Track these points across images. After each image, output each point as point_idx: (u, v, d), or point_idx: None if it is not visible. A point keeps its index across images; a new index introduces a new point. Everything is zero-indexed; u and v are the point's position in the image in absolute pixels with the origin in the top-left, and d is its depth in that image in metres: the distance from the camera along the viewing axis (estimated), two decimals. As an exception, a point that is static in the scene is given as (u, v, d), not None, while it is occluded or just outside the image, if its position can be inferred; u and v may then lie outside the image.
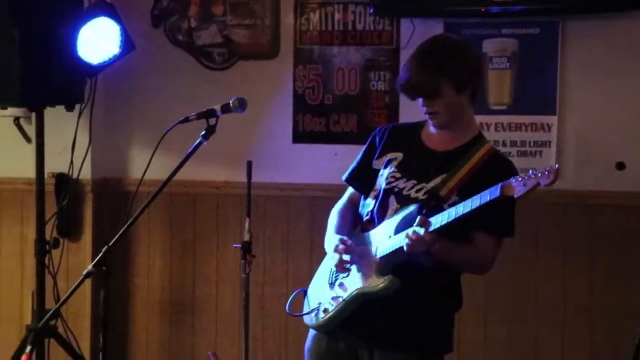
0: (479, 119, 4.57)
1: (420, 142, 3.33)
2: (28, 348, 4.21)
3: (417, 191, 3.23)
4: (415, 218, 3.10)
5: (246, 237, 4.36)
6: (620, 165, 4.56)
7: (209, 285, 5.06)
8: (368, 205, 3.38)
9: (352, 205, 3.50)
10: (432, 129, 3.32)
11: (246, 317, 4.39)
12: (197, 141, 3.26)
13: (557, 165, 2.96)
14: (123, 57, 4.59)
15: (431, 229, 3.05)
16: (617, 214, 4.57)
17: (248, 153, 4.71)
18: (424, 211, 3.13)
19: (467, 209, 3.01)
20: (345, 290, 3.29)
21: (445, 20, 4.67)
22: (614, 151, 4.58)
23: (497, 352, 4.73)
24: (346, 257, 3.25)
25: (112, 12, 4.50)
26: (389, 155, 3.35)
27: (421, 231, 3.05)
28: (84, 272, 3.18)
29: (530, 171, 2.95)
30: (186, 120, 3.31)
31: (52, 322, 4.43)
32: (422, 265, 3.17)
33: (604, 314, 4.60)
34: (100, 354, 3.38)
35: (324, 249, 3.46)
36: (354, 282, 3.27)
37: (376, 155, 3.40)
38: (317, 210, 4.57)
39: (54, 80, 4.36)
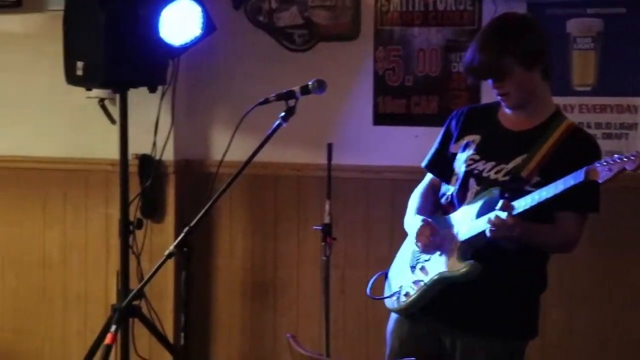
0: (562, 100, 4.56)
1: (498, 122, 3.30)
2: (113, 327, 4.31)
3: (496, 172, 3.19)
4: (498, 201, 3.07)
5: (326, 220, 4.36)
6: None
7: (290, 267, 5.07)
8: (448, 189, 3.35)
9: (433, 189, 3.48)
10: (507, 109, 3.28)
11: (327, 300, 4.39)
12: (277, 123, 3.27)
13: None
14: (204, 39, 4.63)
15: (514, 213, 3.02)
16: None
17: (328, 135, 4.71)
18: (506, 194, 3.10)
19: (551, 194, 2.97)
20: (426, 273, 3.27)
21: (529, 0, 4.60)
22: (703, 133, 4.47)
23: (582, 337, 4.66)
24: (428, 239, 3.24)
25: (193, -6, 4.54)
26: (467, 138, 3.32)
27: (503, 215, 3.02)
28: (166, 253, 3.22)
29: (616, 155, 2.91)
30: (266, 101, 3.33)
31: (137, 302, 4.50)
32: (505, 248, 3.14)
33: None
34: (182, 334, 3.42)
35: (404, 232, 3.45)
36: (435, 265, 3.25)
37: (453, 139, 3.37)
38: (398, 193, 4.53)
39: (137, 62, 4.44)
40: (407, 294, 3.31)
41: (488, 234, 3.06)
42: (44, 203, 5.24)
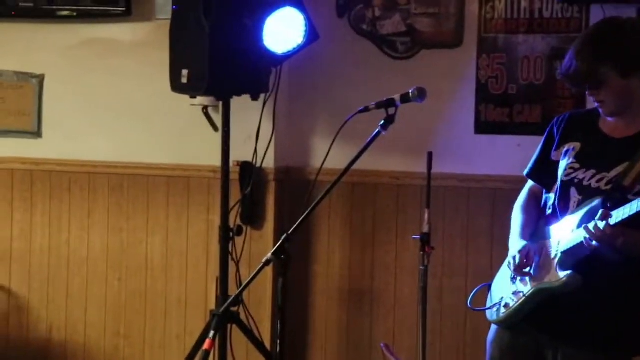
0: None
1: (598, 129, 3.23)
2: (211, 333, 4.34)
3: (597, 181, 3.13)
4: (596, 210, 3.02)
5: (425, 229, 4.33)
6: None
7: (388, 276, 5.05)
8: (550, 198, 3.30)
9: (535, 199, 3.43)
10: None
11: (424, 309, 4.36)
12: (376, 131, 3.26)
13: None
14: (307, 47, 4.66)
15: (613, 222, 2.95)
16: None
17: (429, 143, 4.69)
18: (608, 204, 3.03)
19: None
20: (526, 284, 3.23)
21: (639, 6, 4.49)
22: None
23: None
24: (520, 271, 3.22)
25: (297, 2, 4.58)
26: (567, 146, 3.27)
27: (602, 225, 2.95)
28: (263, 260, 3.23)
29: None
30: (366, 109, 3.32)
31: (235, 309, 4.54)
32: (609, 259, 3.06)
33: None
34: (278, 340, 3.43)
35: (505, 242, 3.42)
36: (534, 276, 3.20)
37: (554, 146, 3.32)
38: (499, 203, 4.49)
39: (240, 70, 4.49)
40: (506, 305, 3.28)
41: (585, 244, 3.01)
42: (147, 209, 5.33)
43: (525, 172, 3.47)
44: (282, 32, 4.54)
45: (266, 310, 5.10)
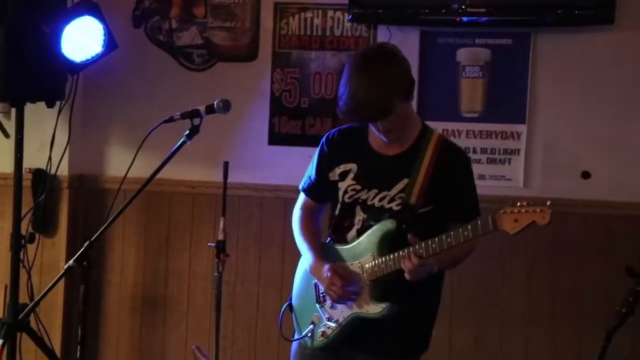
0: (451, 125, 4.78)
1: (369, 147, 3.32)
2: (0, 342, 4.25)
3: (380, 200, 3.26)
4: (395, 234, 3.18)
5: (220, 237, 4.42)
6: (586, 175, 4.69)
7: (182, 283, 5.11)
8: (334, 217, 3.40)
9: (312, 214, 3.53)
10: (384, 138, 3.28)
11: (217, 315, 4.44)
12: (181, 141, 3.30)
13: (548, 202, 2.98)
14: (105, 56, 4.64)
15: (425, 255, 3.10)
16: (582, 222, 4.70)
17: (224, 154, 4.80)
18: (403, 226, 3.18)
19: (459, 241, 3.05)
20: (338, 311, 3.32)
21: (421, 28, 4.77)
22: (579, 159, 4.71)
23: (463, 354, 4.83)
24: (341, 291, 3.25)
25: (96, 12, 4.55)
26: (342, 167, 3.36)
27: (416, 262, 3.09)
28: (65, 267, 3.24)
29: (523, 203, 2.98)
30: (171, 119, 3.34)
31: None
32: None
33: (567, 317, 4.73)
34: (79, 347, 3.42)
35: (296, 250, 3.51)
36: (348, 304, 3.30)
37: (330, 166, 3.39)
38: (291, 212, 4.61)
39: (35, 76, 4.41)
40: (323, 334, 3.35)
41: (407, 277, 3.11)
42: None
43: (301, 187, 3.55)
44: (81, 40, 4.51)
45: (57, 319, 5.04)
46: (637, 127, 4.68)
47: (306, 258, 3.43)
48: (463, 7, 4.54)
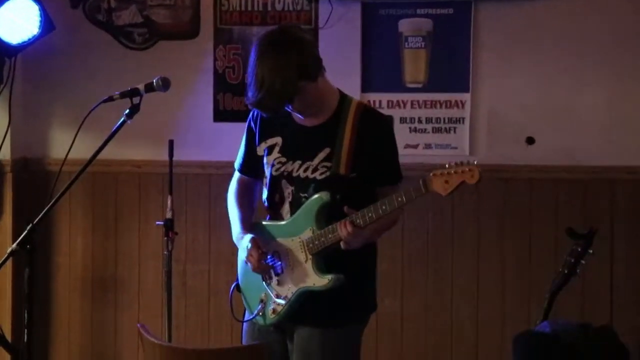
0: (394, 96, 4.80)
1: (293, 121, 3.35)
2: (-53, 331, 4.20)
3: (305, 170, 3.30)
4: (330, 205, 3.20)
5: (168, 215, 4.42)
6: (530, 140, 4.74)
7: (131, 263, 5.10)
8: (264, 192, 3.43)
9: (246, 189, 3.55)
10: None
11: (169, 294, 4.44)
12: (121, 120, 3.26)
13: (475, 161, 3.04)
14: (43, 38, 4.58)
15: (363, 225, 3.14)
16: (527, 187, 4.75)
17: (170, 132, 4.77)
18: (337, 197, 3.21)
19: (393, 207, 3.11)
20: (285, 288, 3.33)
21: (362, 0, 4.76)
22: (524, 127, 4.75)
23: (414, 323, 4.88)
24: (258, 263, 3.28)
25: (31, -7, 4.50)
26: (269, 142, 3.38)
27: (351, 230, 3.13)
28: (8, 251, 3.20)
29: (451, 163, 3.04)
30: (110, 99, 3.30)
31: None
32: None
33: (515, 281, 4.79)
34: (25, 331, 3.40)
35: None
36: (291, 278, 3.31)
37: (256, 142, 3.42)
38: (239, 188, 4.64)
39: (-29, 60, 4.37)
40: (274, 311, 3.36)
41: (343, 247, 3.17)
42: None
43: (235, 165, 3.58)
44: (16, 22, 4.46)
45: (6, 303, 5.01)
46: (580, 93, 4.73)
47: (234, 230, 3.46)
48: (403, -23, 4.56)
